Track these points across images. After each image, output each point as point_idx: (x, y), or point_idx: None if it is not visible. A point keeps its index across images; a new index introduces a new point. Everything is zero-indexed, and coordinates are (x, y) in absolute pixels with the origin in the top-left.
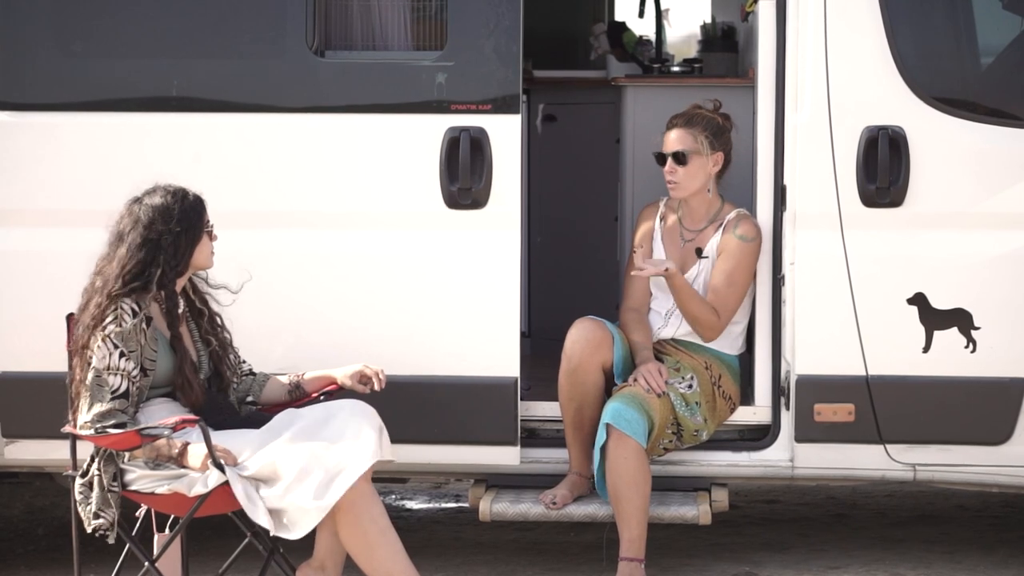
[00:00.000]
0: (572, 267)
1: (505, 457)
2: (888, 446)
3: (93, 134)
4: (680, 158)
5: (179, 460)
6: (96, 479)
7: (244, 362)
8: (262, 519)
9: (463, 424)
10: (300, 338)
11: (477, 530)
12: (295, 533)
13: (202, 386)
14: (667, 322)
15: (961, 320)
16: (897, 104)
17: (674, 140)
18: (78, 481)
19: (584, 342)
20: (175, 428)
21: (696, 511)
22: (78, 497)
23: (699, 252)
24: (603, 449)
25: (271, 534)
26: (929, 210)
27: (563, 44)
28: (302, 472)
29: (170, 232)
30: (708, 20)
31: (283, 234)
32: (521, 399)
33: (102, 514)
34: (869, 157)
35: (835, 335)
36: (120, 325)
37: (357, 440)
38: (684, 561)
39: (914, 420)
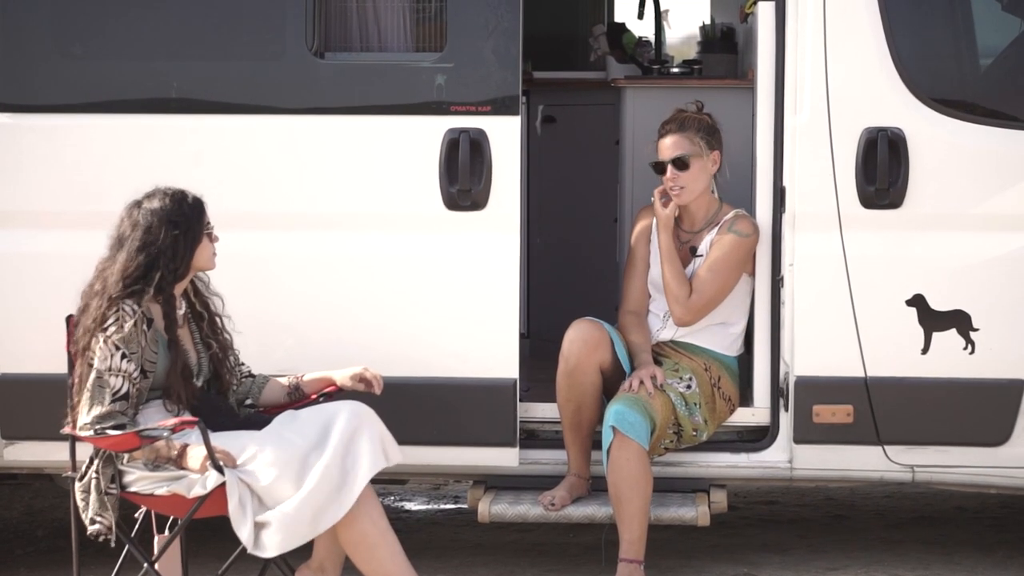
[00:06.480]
0: (571, 269)
1: (504, 458)
2: (887, 447)
3: (93, 136)
4: (681, 163)
5: (178, 462)
6: (93, 482)
7: (243, 364)
8: (244, 533)
9: (462, 425)
10: (300, 339)
11: (476, 531)
12: (269, 551)
13: (192, 390)
14: (666, 324)
15: (960, 321)
16: (896, 105)
17: (671, 146)
18: (77, 483)
19: (582, 343)
20: (174, 430)
21: (695, 512)
22: (78, 499)
23: (693, 251)
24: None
25: (247, 551)
26: (928, 211)
27: (563, 45)
28: (296, 497)
29: (170, 235)
30: (707, 21)
31: (283, 236)
32: (520, 400)
33: (98, 519)
34: (868, 158)
35: (834, 336)
36: (121, 327)
37: (350, 468)
38: (683, 562)
39: (913, 421)
